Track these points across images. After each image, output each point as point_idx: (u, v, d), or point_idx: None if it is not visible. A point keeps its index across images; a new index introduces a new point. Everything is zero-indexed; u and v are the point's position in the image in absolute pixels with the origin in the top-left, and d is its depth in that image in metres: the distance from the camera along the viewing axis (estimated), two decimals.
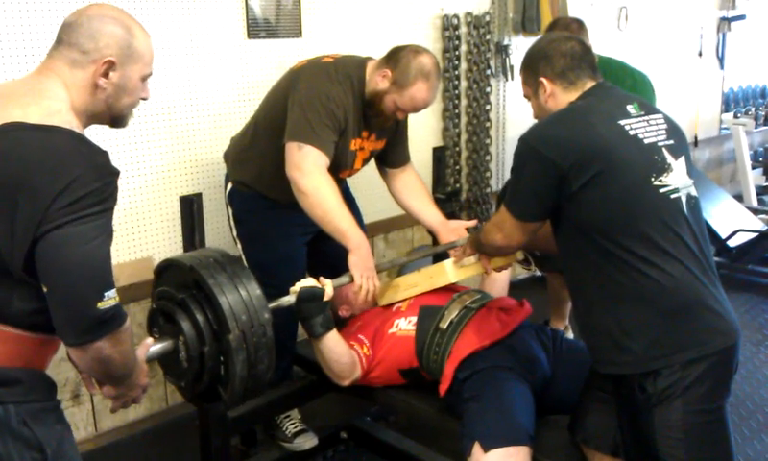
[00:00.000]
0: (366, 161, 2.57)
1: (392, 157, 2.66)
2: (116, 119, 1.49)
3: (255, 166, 2.50)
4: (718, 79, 6.16)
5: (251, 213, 2.56)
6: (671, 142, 1.79)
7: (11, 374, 1.35)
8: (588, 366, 1.91)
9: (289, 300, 2.07)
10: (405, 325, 2.25)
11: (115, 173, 1.33)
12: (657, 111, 1.84)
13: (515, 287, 2.46)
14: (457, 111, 3.95)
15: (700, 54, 5.84)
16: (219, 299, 1.71)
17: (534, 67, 1.91)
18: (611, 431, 1.83)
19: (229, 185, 2.59)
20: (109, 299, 1.29)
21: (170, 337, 1.77)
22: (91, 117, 1.45)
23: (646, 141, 1.75)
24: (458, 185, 4.00)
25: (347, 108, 2.35)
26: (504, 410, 1.96)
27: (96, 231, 1.27)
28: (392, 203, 2.77)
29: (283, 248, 2.55)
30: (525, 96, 1.99)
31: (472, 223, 2.70)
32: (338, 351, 2.18)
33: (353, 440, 2.86)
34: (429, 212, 2.67)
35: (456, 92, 3.93)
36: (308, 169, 2.25)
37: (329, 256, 2.49)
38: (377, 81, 2.35)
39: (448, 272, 2.36)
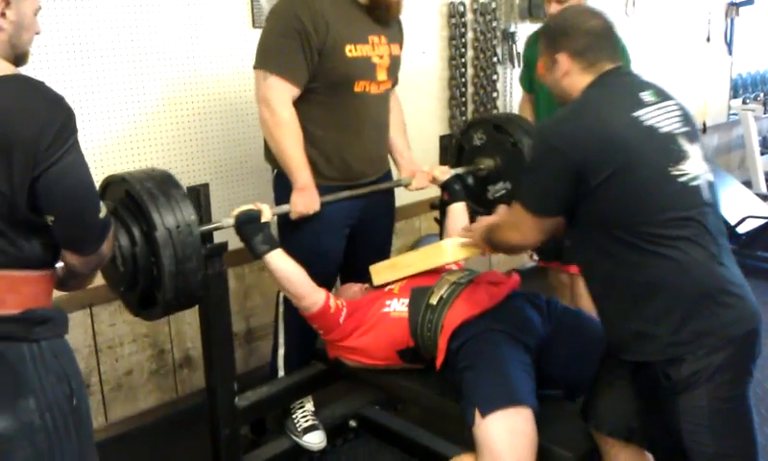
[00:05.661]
0: (390, 71, 2.52)
1: None
2: (20, 57, 1.49)
3: None
4: (726, 65, 6.13)
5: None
6: (687, 129, 1.75)
7: (44, 313, 1.44)
8: (587, 330, 1.91)
9: (228, 222, 2.15)
10: (399, 306, 2.26)
11: (63, 97, 1.39)
12: (670, 98, 1.80)
13: (521, 276, 2.44)
14: (464, 99, 3.94)
15: (708, 39, 5.80)
16: (146, 202, 1.86)
17: (553, 41, 1.85)
18: (624, 416, 1.82)
19: (275, 171, 2.55)
20: (103, 207, 1.48)
21: None
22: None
23: (662, 131, 1.71)
24: None
25: (319, 13, 2.30)
26: (499, 373, 1.95)
27: (80, 157, 1.40)
28: (400, 192, 2.76)
29: (324, 241, 2.49)
30: (539, 73, 1.93)
31: (438, 169, 2.70)
32: (288, 269, 2.19)
33: (362, 428, 2.87)
34: (400, 142, 2.72)
35: (463, 80, 3.92)
36: (274, 104, 2.32)
37: (360, 261, 2.53)
38: None
39: (446, 252, 2.35)
